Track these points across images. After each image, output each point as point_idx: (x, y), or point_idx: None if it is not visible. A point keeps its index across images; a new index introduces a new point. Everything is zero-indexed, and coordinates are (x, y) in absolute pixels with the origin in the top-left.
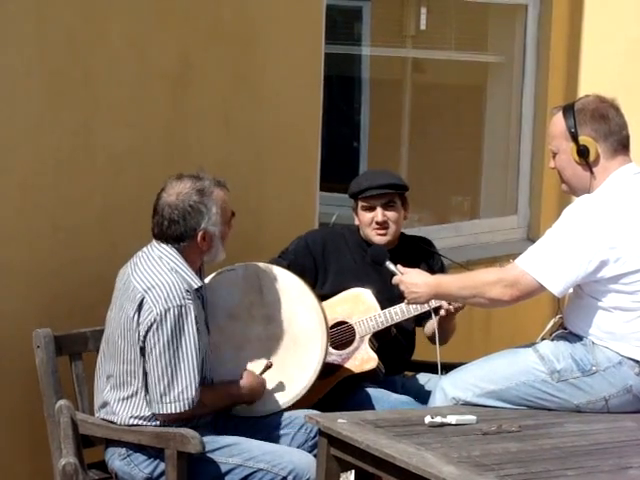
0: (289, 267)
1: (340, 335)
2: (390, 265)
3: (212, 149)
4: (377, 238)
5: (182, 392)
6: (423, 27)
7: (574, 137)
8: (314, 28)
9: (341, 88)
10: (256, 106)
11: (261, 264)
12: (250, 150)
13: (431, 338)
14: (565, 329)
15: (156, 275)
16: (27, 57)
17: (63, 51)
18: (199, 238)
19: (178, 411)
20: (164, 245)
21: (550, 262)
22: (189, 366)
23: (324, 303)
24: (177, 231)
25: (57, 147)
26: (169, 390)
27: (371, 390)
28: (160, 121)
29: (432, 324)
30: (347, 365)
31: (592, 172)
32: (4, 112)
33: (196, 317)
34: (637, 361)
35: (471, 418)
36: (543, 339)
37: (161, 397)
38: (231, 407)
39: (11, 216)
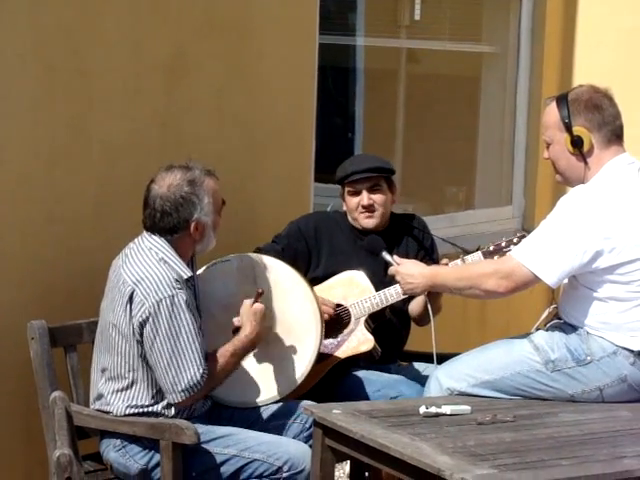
0: (283, 251)
1: (336, 318)
2: (386, 256)
3: (207, 140)
4: (365, 222)
5: (191, 379)
6: (417, 17)
7: (568, 127)
8: (308, 18)
9: (335, 79)
10: (250, 97)
11: (255, 255)
12: (244, 141)
13: (415, 318)
14: (560, 319)
15: (145, 267)
16: (21, 49)
17: (58, 43)
18: (192, 228)
19: (191, 396)
20: (155, 237)
21: (545, 253)
22: (192, 352)
23: (318, 286)
24: (170, 223)
25: (52, 139)
26: (178, 380)
27: (363, 372)
28: (155, 112)
29: (417, 305)
30: (343, 347)
31: (586, 162)
32: None
33: (188, 304)
34: (632, 351)
35: (466, 408)
36: (538, 329)
37: (172, 387)
38: (244, 358)
39: (5, 208)
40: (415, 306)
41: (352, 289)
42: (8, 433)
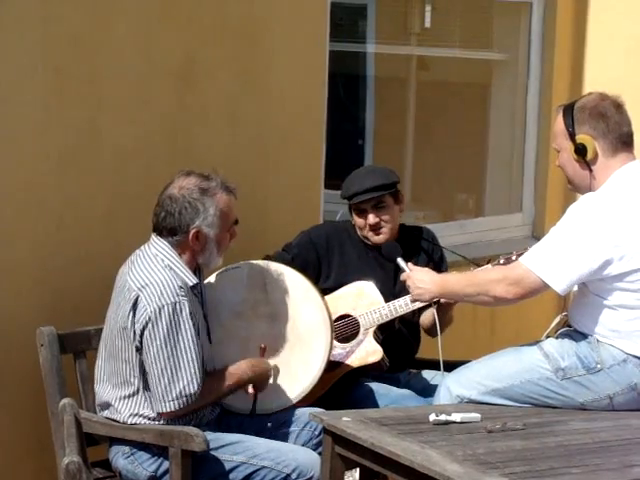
0: (292, 261)
1: (344, 328)
2: (401, 262)
3: (217, 147)
4: (375, 238)
5: (184, 389)
6: (428, 25)
7: (571, 135)
8: (319, 25)
9: (346, 86)
10: (261, 104)
11: (265, 262)
12: (255, 148)
13: (427, 330)
14: (570, 327)
15: (150, 273)
16: (32, 55)
17: (68, 49)
18: (191, 236)
19: (180, 408)
20: (160, 241)
21: (554, 260)
22: (189, 362)
23: (328, 296)
24: (170, 224)
25: (62, 145)
26: (171, 388)
27: (373, 385)
28: (165, 119)
29: (428, 316)
30: (352, 358)
31: (591, 170)
32: (9, 110)
33: (191, 313)
34: None
35: (476, 416)
36: (548, 337)
37: (163, 396)
38: (238, 389)
39: (15, 214)
40: (425, 319)
41: (361, 300)
42: (17, 440)
